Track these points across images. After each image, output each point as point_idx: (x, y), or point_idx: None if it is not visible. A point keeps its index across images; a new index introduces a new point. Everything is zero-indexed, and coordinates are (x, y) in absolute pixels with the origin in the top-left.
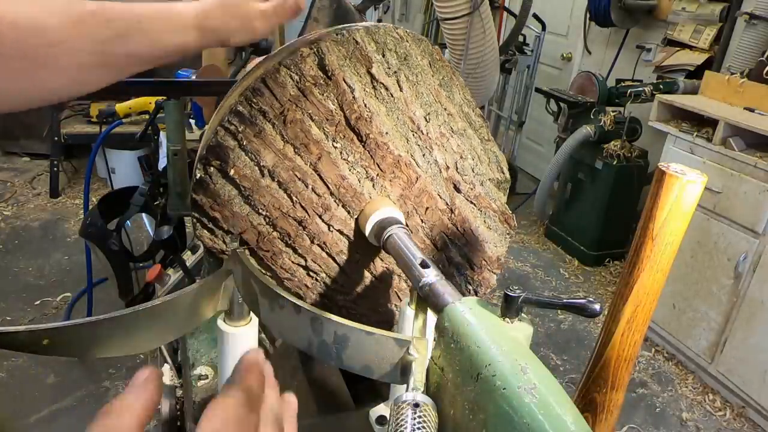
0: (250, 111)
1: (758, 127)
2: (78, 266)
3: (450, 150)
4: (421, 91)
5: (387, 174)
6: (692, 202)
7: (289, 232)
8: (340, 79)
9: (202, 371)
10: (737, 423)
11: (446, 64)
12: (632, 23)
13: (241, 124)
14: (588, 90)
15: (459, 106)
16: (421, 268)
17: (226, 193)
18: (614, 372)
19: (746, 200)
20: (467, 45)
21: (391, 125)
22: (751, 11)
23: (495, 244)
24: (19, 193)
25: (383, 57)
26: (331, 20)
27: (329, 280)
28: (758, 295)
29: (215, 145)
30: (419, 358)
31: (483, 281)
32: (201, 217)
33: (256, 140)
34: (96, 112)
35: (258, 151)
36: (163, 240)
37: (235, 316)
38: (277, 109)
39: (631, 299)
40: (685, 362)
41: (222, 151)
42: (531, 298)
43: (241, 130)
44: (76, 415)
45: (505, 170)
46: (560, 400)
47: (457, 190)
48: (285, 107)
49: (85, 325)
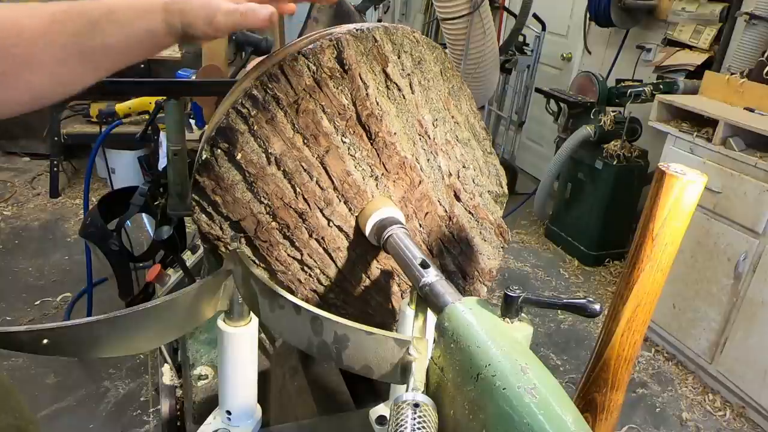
0: (264, 96)
1: (758, 127)
2: (78, 266)
3: (454, 158)
4: (431, 97)
5: (391, 174)
6: (692, 202)
7: (289, 224)
8: (356, 74)
9: (202, 371)
10: (737, 423)
11: (457, 73)
12: (632, 23)
13: (254, 109)
14: (588, 90)
15: (465, 116)
16: (421, 268)
17: (230, 177)
18: (614, 372)
19: (746, 200)
20: (467, 45)
21: (399, 126)
22: (751, 11)
23: (489, 257)
24: (19, 193)
25: (399, 58)
26: (331, 20)
27: (323, 277)
28: (758, 295)
29: (225, 126)
30: (419, 358)
31: (474, 292)
32: (201, 200)
33: (266, 126)
34: (96, 112)
35: (267, 137)
36: (163, 240)
37: (235, 316)
38: (291, 97)
39: (631, 299)
40: (685, 362)
41: (232, 133)
42: (531, 298)
43: (253, 114)
44: (76, 415)
45: (503, 185)
46: (560, 400)
47: (457, 198)
48: (299, 96)
49: (85, 325)
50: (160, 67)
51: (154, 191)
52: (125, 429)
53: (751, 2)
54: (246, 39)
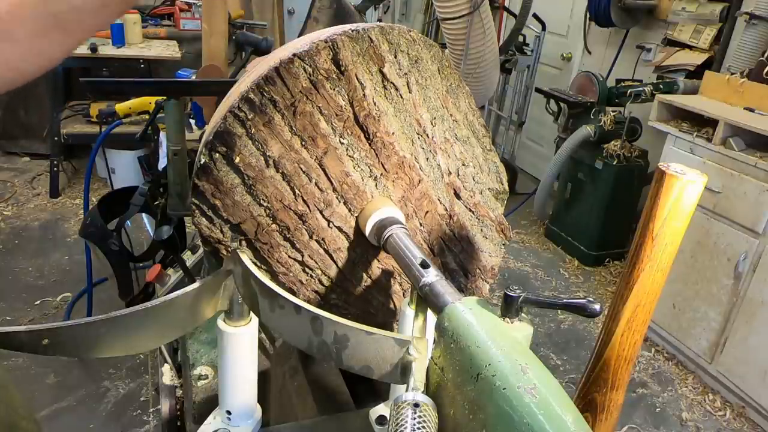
0: (261, 99)
1: (758, 127)
2: (78, 266)
3: (453, 156)
4: (429, 95)
5: (390, 174)
6: (692, 202)
7: (289, 226)
8: (352, 75)
9: (202, 371)
10: (737, 423)
11: (455, 71)
12: (632, 23)
13: (251, 112)
14: (588, 90)
15: (464, 114)
16: (422, 268)
17: (229, 180)
18: (614, 372)
19: (746, 200)
20: (467, 45)
21: (397, 126)
22: (751, 11)
23: (490, 254)
24: (19, 193)
25: (395, 58)
26: (331, 20)
27: (324, 278)
28: (758, 295)
29: (223, 130)
30: (419, 358)
31: (476, 290)
32: (201, 204)
33: (264, 129)
34: (96, 112)
35: (265, 140)
36: (163, 240)
37: (235, 316)
38: (287, 100)
39: (631, 299)
40: (685, 362)
41: (229, 137)
42: (531, 298)
43: (251, 117)
44: (76, 415)
45: (504, 181)
46: (560, 400)
47: (457, 196)
48: (296, 98)
49: (85, 325)
50: (160, 67)
51: (154, 191)
52: (125, 429)
53: (751, 2)
54: (246, 39)
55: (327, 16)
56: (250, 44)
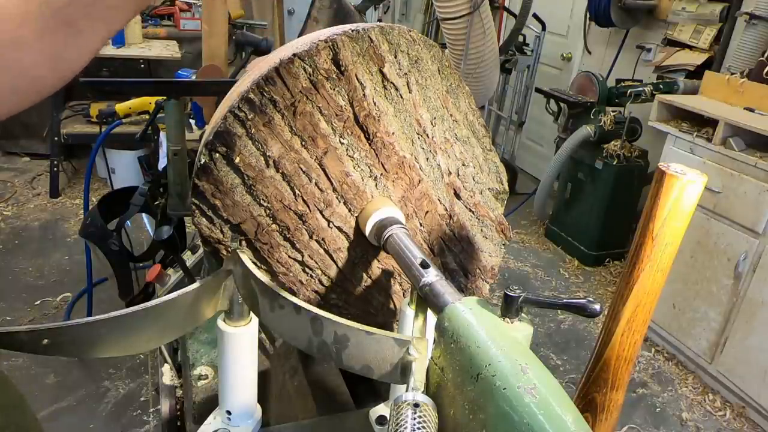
0: (260, 99)
1: (758, 127)
2: (78, 266)
3: (453, 156)
4: (429, 95)
5: (390, 174)
6: (692, 202)
7: (289, 226)
8: (352, 75)
9: (202, 371)
10: (737, 423)
11: (455, 71)
12: (632, 23)
13: (251, 112)
14: (588, 90)
15: (464, 114)
16: (422, 268)
17: (229, 180)
18: (614, 372)
19: (746, 200)
20: (467, 45)
21: (398, 126)
22: (751, 11)
23: (490, 254)
24: (19, 193)
25: (395, 58)
26: (331, 20)
27: (324, 278)
28: (758, 295)
29: (223, 130)
30: (419, 358)
31: (476, 290)
32: (201, 204)
33: (264, 129)
34: (96, 112)
35: (265, 140)
36: (163, 240)
37: (235, 316)
38: (287, 100)
39: (631, 299)
40: (685, 362)
41: (229, 137)
42: (531, 298)
43: (251, 117)
44: (76, 415)
45: (504, 181)
46: (560, 400)
47: (457, 196)
48: (296, 98)
49: (85, 325)
50: (160, 67)
51: (154, 191)
52: (125, 429)
53: (751, 2)
54: (246, 39)
55: (327, 16)
56: (250, 44)
